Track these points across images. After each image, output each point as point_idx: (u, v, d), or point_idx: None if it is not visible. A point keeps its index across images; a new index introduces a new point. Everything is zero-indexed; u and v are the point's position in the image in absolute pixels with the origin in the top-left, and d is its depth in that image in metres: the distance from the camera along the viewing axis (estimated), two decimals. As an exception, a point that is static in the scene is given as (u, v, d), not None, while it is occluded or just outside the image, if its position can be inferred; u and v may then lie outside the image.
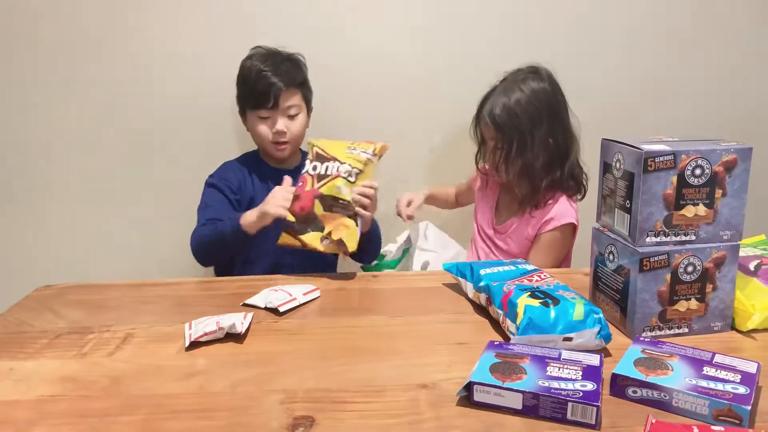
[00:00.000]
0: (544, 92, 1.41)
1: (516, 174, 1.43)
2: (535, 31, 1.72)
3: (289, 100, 1.42)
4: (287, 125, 1.42)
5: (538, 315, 0.91)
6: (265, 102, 1.40)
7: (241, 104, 1.48)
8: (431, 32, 1.71)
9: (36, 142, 1.70)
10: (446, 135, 1.77)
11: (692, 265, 0.96)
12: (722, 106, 1.82)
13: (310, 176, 1.27)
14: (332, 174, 1.26)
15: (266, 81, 1.39)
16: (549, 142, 1.41)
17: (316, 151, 1.30)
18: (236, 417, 0.78)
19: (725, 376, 0.79)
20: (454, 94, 1.72)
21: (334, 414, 0.78)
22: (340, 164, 1.27)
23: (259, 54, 1.46)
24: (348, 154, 1.28)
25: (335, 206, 1.25)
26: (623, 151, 0.96)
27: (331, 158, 1.28)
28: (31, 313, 1.11)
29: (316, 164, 1.28)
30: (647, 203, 0.93)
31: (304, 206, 1.24)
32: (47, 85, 1.66)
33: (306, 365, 0.91)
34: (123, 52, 1.66)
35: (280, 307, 1.07)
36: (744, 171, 0.95)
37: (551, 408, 0.75)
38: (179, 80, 1.68)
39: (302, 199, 1.25)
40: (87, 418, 0.78)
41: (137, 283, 1.25)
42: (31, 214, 1.74)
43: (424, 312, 1.10)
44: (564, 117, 1.44)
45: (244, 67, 1.45)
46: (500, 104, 1.39)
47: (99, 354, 0.95)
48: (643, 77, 1.78)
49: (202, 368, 0.90)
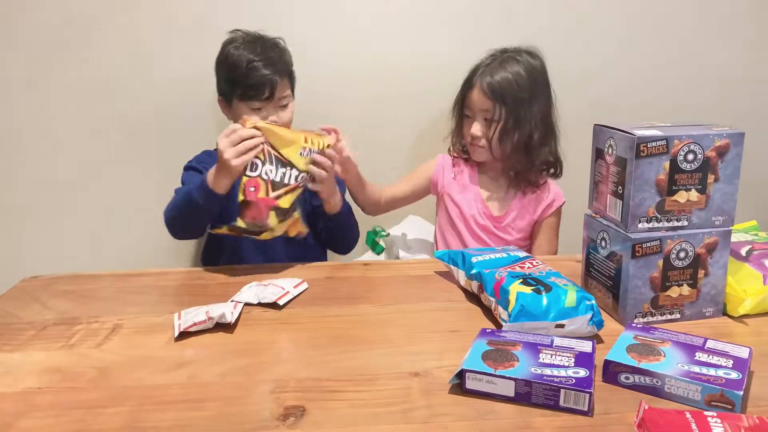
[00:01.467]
0: (540, 69, 1.43)
1: (512, 148, 1.41)
2: (523, 17, 1.71)
3: (283, 91, 1.38)
4: (279, 116, 1.39)
5: (530, 302, 0.91)
6: (260, 95, 1.34)
7: (226, 92, 1.41)
8: (418, 18, 1.69)
9: (20, 134, 1.67)
10: (434, 119, 1.75)
11: (684, 251, 0.95)
12: (714, 92, 1.81)
13: (263, 181, 1.16)
14: (290, 184, 1.17)
15: (260, 73, 1.33)
16: (544, 118, 1.41)
17: (268, 149, 1.16)
18: (226, 407, 0.77)
19: (717, 362, 0.79)
20: (441, 78, 1.70)
21: (326, 403, 0.77)
22: (298, 173, 1.18)
23: (244, 40, 1.38)
24: (302, 158, 1.18)
25: (290, 213, 1.19)
26: (615, 136, 0.95)
27: (287, 163, 1.17)
28: (17, 304, 1.09)
29: (270, 168, 1.16)
30: (639, 189, 0.92)
31: (256, 216, 1.16)
32: (32, 77, 1.63)
33: (297, 354, 0.90)
34: (108, 44, 1.63)
35: (279, 301, 1.05)
36: (736, 156, 0.94)
37: (544, 395, 0.74)
38: (165, 71, 1.65)
39: (254, 207, 1.15)
40: (74, 410, 0.77)
41: (125, 273, 1.24)
42: (17, 206, 1.71)
43: (415, 300, 1.09)
44: (552, 95, 1.45)
45: (230, 55, 1.37)
46: (499, 75, 1.38)
47: (87, 345, 0.94)
48: (633, 66, 1.77)
49: (192, 358, 0.89)
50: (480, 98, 1.41)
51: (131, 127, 1.69)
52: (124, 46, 1.64)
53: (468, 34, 1.70)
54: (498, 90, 1.38)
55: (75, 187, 1.71)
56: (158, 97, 1.67)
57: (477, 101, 1.41)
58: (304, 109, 1.50)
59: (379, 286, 1.18)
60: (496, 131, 1.40)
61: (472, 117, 1.44)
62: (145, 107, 1.67)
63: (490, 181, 1.51)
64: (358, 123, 1.67)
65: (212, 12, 1.62)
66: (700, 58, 1.79)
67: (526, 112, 1.39)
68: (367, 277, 1.21)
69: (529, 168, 1.44)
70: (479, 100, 1.41)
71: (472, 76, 1.44)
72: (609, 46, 1.76)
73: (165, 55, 1.65)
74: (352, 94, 1.71)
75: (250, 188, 1.15)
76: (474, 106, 1.43)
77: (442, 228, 1.55)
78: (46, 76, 1.64)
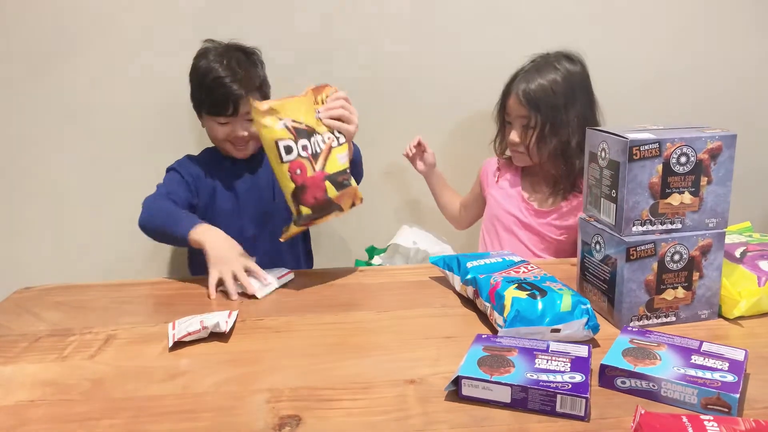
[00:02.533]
0: (578, 73, 1.42)
1: (550, 153, 1.41)
2: (533, 24, 1.70)
3: (248, 105, 1.29)
4: (247, 128, 1.36)
5: (525, 307, 0.91)
6: (224, 110, 1.32)
7: (196, 105, 1.40)
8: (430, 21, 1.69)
9: (9, 142, 1.66)
10: (455, 120, 1.75)
11: (679, 253, 0.95)
12: (706, 93, 1.81)
13: (305, 159, 1.11)
14: (324, 149, 1.14)
15: (225, 89, 1.30)
16: (583, 122, 1.41)
17: (292, 125, 1.11)
18: (221, 417, 0.76)
19: (713, 365, 0.79)
20: (460, 83, 1.71)
21: (321, 412, 0.77)
22: (322, 135, 1.14)
23: (214, 51, 1.36)
24: (319, 121, 1.15)
25: (345, 180, 1.16)
26: (608, 140, 0.95)
27: (312, 131, 1.13)
28: (9, 316, 1.08)
29: (303, 143, 1.11)
30: (633, 192, 0.92)
31: (317, 194, 1.12)
32: (21, 84, 1.62)
33: (291, 363, 0.89)
34: (94, 49, 1.62)
35: (258, 293, 1.05)
36: (729, 158, 0.94)
37: (540, 401, 0.74)
38: (156, 82, 1.64)
39: (311, 187, 1.11)
40: (68, 423, 0.76)
41: (119, 283, 1.23)
42: (7, 217, 1.70)
43: (410, 306, 1.09)
44: (593, 100, 1.45)
45: (198, 68, 1.36)
46: (535, 82, 1.39)
47: (80, 356, 0.93)
48: (634, 69, 1.78)
49: (186, 368, 0.88)
50: (516, 105, 1.41)
51: (123, 135, 1.68)
52: (112, 58, 1.63)
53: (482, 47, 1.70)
54: (532, 98, 1.38)
55: (65, 198, 1.70)
56: (150, 106, 1.66)
57: (514, 108, 1.42)
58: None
59: (374, 292, 1.17)
60: (533, 138, 1.40)
61: (512, 123, 1.45)
62: (130, 116, 1.66)
63: (532, 184, 1.51)
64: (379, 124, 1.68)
65: (206, 14, 1.61)
66: (694, 58, 1.79)
67: (562, 118, 1.39)
68: (362, 284, 1.21)
69: (569, 173, 1.43)
70: (516, 107, 1.41)
71: (510, 83, 1.44)
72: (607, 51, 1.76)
73: (158, 66, 1.64)
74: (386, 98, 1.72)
75: (296, 172, 1.11)
76: (512, 113, 1.43)
77: (485, 230, 1.57)
78: (35, 87, 1.63)
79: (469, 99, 1.70)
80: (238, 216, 1.42)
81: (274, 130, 1.10)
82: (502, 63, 1.48)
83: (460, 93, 1.71)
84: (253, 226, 1.42)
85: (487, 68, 1.62)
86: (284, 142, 1.10)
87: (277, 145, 1.10)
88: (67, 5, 1.59)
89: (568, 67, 1.41)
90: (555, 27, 1.70)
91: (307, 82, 1.23)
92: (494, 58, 1.62)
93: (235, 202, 1.43)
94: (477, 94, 1.62)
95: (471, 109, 1.70)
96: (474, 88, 1.68)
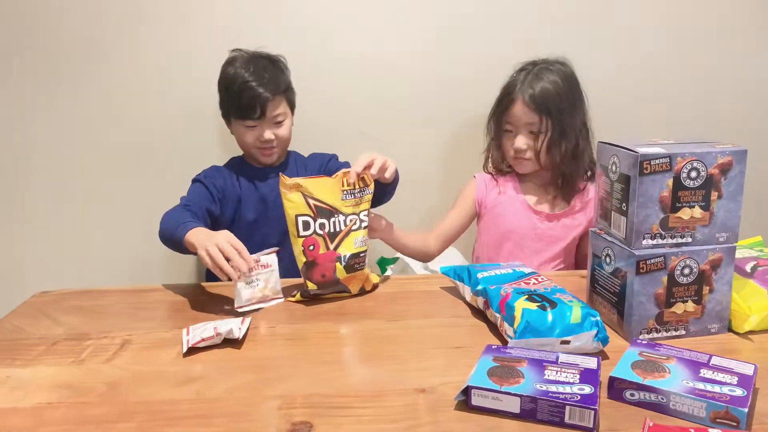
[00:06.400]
0: (573, 75, 1.44)
1: (562, 157, 1.41)
2: (533, 30, 1.72)
3: (275, 109, 1.40)
4: (274, 132, 1.41)
5: (535, 318, 0.91)
6: (252, 113, 1.37)
7: (225, 111, 1.45)
8: (428, 33, 1.71)
9: (31, 147, 1.69)
10: (450, 134, 1.77)
11: (689, 267, 0.96)
12: (718, 107, 1.81)
13: (320, 237, 1.15)
14: (343, 230, 1.17)
15: (252, 92, 1.36)
16: (584, 123, 1.43)
17: (313, 203, 1.15)
18: (234, 423, 0.77)
19: (722, 378, 0.79)
20: (453, 93, 1.73)
21: (332, 419, 0.78)
22: (345, 216, 1.18)
23: (241, 59, 1.42)
24: (345, 203, 1.18)
25: (357, 263, 1.18)
26: (619, 154, 0.96)
27: (331, 209, 1.16)
28: (28, 320, 1.10)
29: (321, 222, 1.15)
30: (643, 206, 0.93)
31: (325, 273, 1.15)
32: (45, 89, 1.66)
33: (303, 370, 0.91)
34: (120, 56, 1.65)
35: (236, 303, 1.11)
36: (739, 173, 0.95)
37: (549, 412, 0.75)
38: (175, 86, 1.67)
39: (321, 264, 1.15)
40: (84, 425, 0.78)
41: (135, 288, 1.25)
42: (27, 220, 1.73)
43: (421, 316, 1.10)
44: (585, 102, 1.46)
45: (226, 75, 1.42)
46: (539, 87, 1.39)
47: (96, 360, 0.95)
48: (640, 78, 1.78)
49: (200, 374, 0.90)
50: (524, 111, 1.40)
51: (139, 141, 1.71)
52: (134, 62, 1.66)
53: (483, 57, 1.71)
54: (542, 101, 1.38)
55: (86, 203, 1.73)
56: (168, 114, 1.69)
57: (521, 115, 1.41)
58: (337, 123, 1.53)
59: (385, 301, 1.18)
60: (544, 143, 1.40)
61: (515, 131, 1.44)
62: (152, 122, 1.69)
63: (535, 188, 1.50)
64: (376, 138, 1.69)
65: (222, 27, 1.65)
66: (707, 71, 1.79)
67: (569, 120, 1.40)
68: (373, 293, 1.22)
69: (578, 174, 1.44)
70: (524, 113, 1.40)
71: (510, 91, 1.43)
72: (613, 58, 1.77)
73: (175, 71, 1.67)
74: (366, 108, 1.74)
75: (309, 247, 1.15)
76: (517, 120, 1.42)
77: (486, 246, 1.53)
78: (59, 91, 1.66)
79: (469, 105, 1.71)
80: (262, 224, 1.45)
81: (297, 205, 1.14)
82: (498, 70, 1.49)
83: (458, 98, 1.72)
84: (276, 234, 1.44)
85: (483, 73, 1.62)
86: (303, 217, 1.15)
87: (297, 220, 1.14)
88: (94, 10, 1.63)
89: (563, 70, 1.43)
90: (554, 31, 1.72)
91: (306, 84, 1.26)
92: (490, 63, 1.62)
93: (261, 211, 1.46)
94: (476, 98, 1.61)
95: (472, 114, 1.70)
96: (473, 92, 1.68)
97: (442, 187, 1.78)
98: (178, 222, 1.22)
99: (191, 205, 1.32)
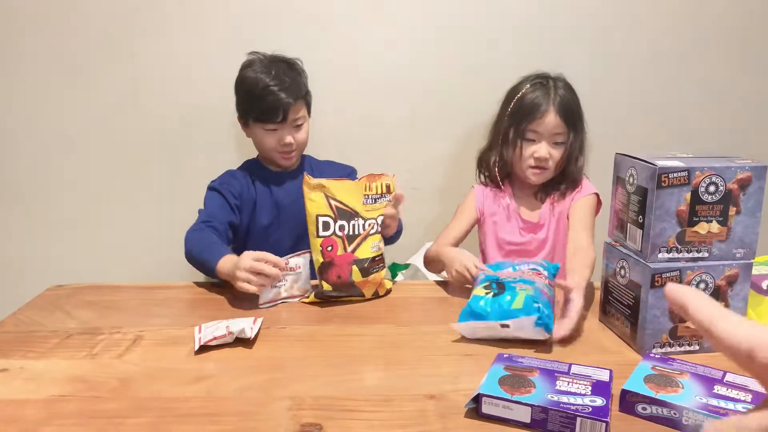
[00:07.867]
0: (573, 89, 1.46)
1: (572, 167, 1.44)
2: (544, 42, 1.72)
3: (296, 113, 1.40)
4: (294, 136, 1.41)
5: (476, 303, 1.00)
6: (274, 117, 1.37)
7: (243, 114, 1.44)
8: (440, 36, 1.72)
9: (49, 142, 1.71)
10: (459, 140, 1.77)
11: (704, 282, 0.95)
12: (736, 122, 1.81)
13: (339, 238, 1.17)
14: (362, 233, 1.19)
15: (274, 96, 1.36)
16: (585, 133, 1.46)
17: (335, 204, 1.17)
18: (244, 422, 0.78)
19: (736, 396, 0.78)
20: (464, 99, 1.73)
21: (342, 422, 0.78)
22: (364, 220, 1.19)
23: (260, 63, 1.42)
24: (365, 207, 1.20)
25: (373, 267, 1.19)
26: (637, 166, 0.96)
27: (352, 212, 1.18)
28: (42, 313, 1.12)
29: (341, 223, 1.17)
30: (660, 219, 0.93)
31: (341, 274, 1.16)
32: (59, 85, 1.68)
33: (314, 372, 0.91)
34: (132, 56, 1.67)
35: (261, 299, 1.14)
36: (759, 189, 0.94)
37: (560, 422, 0.75)
38: (186, 84, 1.69)
39: (338, 266, 1.16)
40: (96, 419, 0.78)
41: (148, 285, 1.26)
42: (43, 214, 1.75)
43: (432, 321, 1.10)
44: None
45: (247, 78, 1.41)
46: (564, 98, 1.41)
47: (109, 355, 0.95)
48: (655, 90, 1.78)
49: (211, 372, 0.90)
50: (557, 122, 1.41)
51: (157, 140, 1.72)
52: (152, 63, 1.68)
53: (493, 62, 1.72)
54: (569, 113, 1.41)
55: (101, 199, 1.75)
56: (183, 113, 1.71)
57: (550, 125, 1.41)
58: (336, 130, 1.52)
59: (396, 306, 1.19)
60: (566, 153, 1.43)
61: (538, 140, 1.44)
62: (167, 121, 1.71)
63: (525, 197, 1.51)
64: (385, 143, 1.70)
65: (239, 29, 1.66)
66: (724, 85, 1.79)
67: (582, 134, 1.44)
68: (384, 298, 1.22)
69: (580, 179, 1.46)
70: (553, 123, 1.41)
71: (541, 102, 1.42)
72: (626, 71, 1.76)
73: (192, 72, 1.69)
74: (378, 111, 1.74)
75: (327, 248, 1.16)
76: (546, 130, 1.42)
77: (486, 248, 1.55)
78: (75, 87, 1.68)
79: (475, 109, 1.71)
80: (276, 228, 1.46)
81: (319, 205, 1.16)
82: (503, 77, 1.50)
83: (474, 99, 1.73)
84: (290, 239, 1.44)
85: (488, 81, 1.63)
86: (324, 218, 1.16)
87: (317, 220, 1.16)
88: (113, 12, 1.65)
89: (567, 83, 1.45)
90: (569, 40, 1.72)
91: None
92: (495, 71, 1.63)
93: (276, 214, 1.46)
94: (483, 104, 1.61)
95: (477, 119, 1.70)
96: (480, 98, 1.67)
97: (444, 192, 1.79)
98: (202, 249, 1.24)
99: (213, 221, 1.32)
